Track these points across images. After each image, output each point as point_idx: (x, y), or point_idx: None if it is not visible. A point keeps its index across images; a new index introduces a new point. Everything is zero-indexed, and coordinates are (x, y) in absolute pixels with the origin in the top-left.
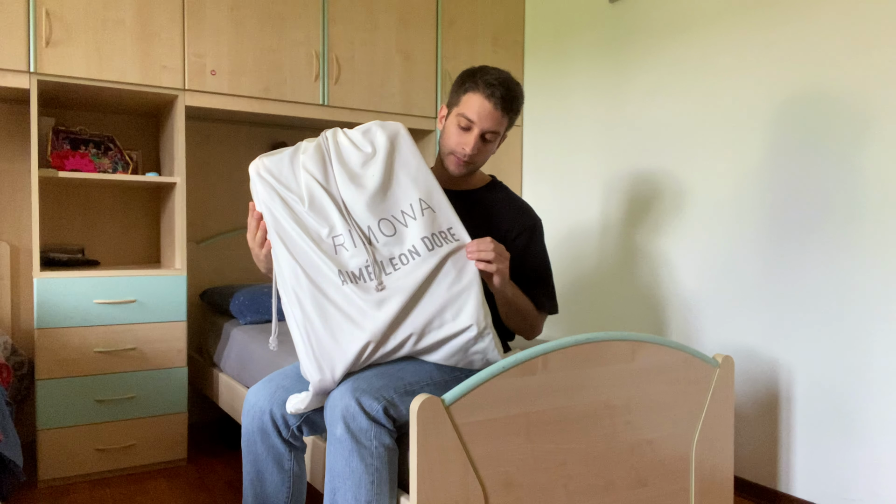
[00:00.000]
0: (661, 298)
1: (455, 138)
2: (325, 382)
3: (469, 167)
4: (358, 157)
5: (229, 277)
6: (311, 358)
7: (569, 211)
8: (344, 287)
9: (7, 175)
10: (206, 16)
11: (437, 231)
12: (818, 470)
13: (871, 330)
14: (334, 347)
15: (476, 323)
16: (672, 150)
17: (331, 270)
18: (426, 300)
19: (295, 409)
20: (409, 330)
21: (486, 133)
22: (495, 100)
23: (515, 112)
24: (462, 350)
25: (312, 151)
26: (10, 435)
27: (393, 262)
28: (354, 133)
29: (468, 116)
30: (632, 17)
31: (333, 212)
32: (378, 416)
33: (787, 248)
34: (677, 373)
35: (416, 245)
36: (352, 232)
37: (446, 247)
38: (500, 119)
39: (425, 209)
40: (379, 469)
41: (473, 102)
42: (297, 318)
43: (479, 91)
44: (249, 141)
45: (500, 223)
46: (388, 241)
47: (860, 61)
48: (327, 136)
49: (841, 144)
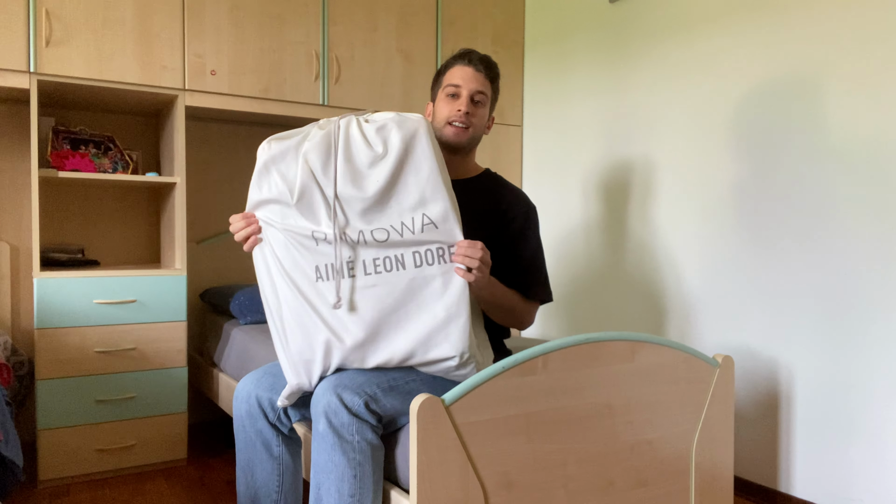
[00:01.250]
0: (661, 298)
1: (447, 108)
2: (301, 383)
3: (469, 134)
4: (367, 155)
5: (229, 277)
6: (285, 360)
7: (568, 211)
8: (318, 283)
9: (7, 175)
10: (206, 16)
11: (432, 248)
12: (818, 470)
13: (871, 330)
14: (304, 349)
15: (459, 354)
16: (672, 150)
17: (307, 264)
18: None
19: (282, 403)
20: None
21: (474, 94)
22: (475, 63)
23: (495, 75)
24: (442, 372)
25: (319, 140)
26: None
27: (376, 262)
28: (369, 128)
29: (454, 83)
30: (632, 17)
31: (321, 209)
32: (359, 411)
33: (787, 247)
34: (677, 373)
35: (403, 255)
36: (336, 231)
37: (438, 266)
38: (483, 81)
39: (426, 224)
40: (362, 463)
41: (455, 71)
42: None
43: (457, 62)
44: (249, 141)
45: (498, 205)
46: (378, 245)
47: (861, 61)
48: (340, 125)
49: (842, 144)
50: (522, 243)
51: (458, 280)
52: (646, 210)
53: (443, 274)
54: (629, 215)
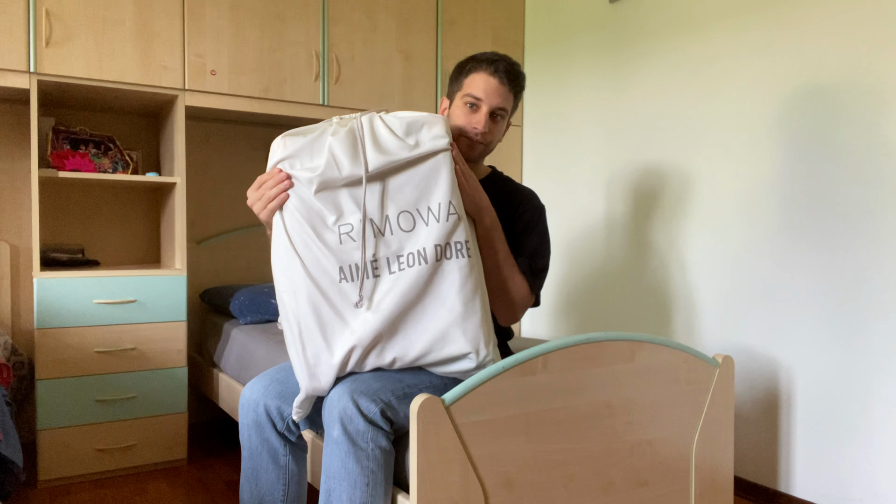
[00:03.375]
0: (661, 298)
1: (464, 119)
2: (316, 387)
3: (482, 148)
4: (395, 143)
5: (229, 277)
6: (300, 360)
7: (568, 211)
8: (342, 284)
9: (7, 175)
10: (206, 16)
11: (452, 241)
12: (818, 470)
13: (871, 330)
14: (323, 351)
15: (475, 350)
16: (672, 150)
17: (331, 265)
18: (425, 317)
19: (298, 416)
20: (403, 351)
21: (495, 110)
22: (500, 74)
23: (520, 89)
24: (461, 373)
25: (343, 135)
26: (10, 435)
27: (399, 259)
28: (393, 122)
29: (475, 95)
30: (632, 17)
31: (347, 198)
32: (375, 419)
33: (787, 247)
34: (677, 373)
35: (426, 248)
36: (363, 222)
37: (455, 261)
38: (507, 95)
39: (451, 214)
40: (375, 471)
41: (478, 81)
42: (291, 315)
43: (483, 69)
44: (249, 141)
45: (507, 207)
46: (403, 235)
47: (862, 60)
48: (362, 121)
49: (843, 144)
50: (527, 234)
51: (476, 275)
52: (646, 210)
53: (460, 269)
54: (630, 215)
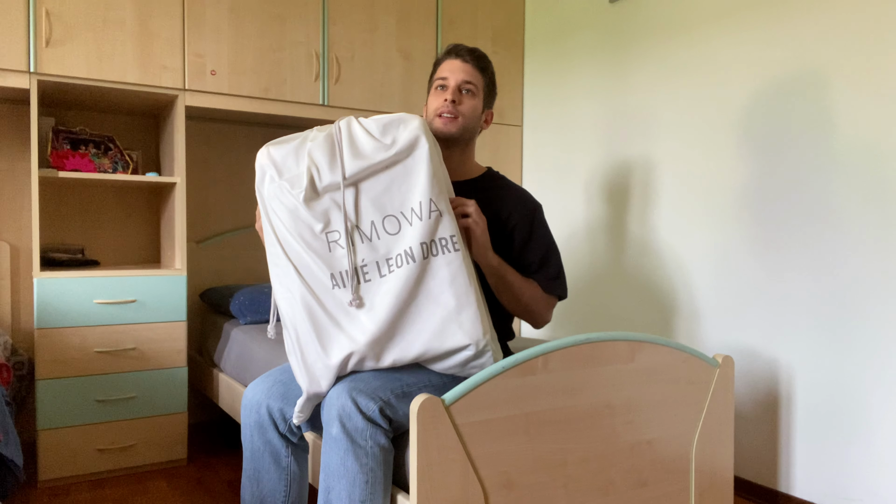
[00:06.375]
0: (661, 298)
1: (436, 100)
2: (318, 390)
3: (459, 124)
4: (372, 144)
5: (229, 277)
6: (300, 365)
7: (568, 211)
8: (335, 290)
9: (7, 175)
10: (206, 16)
11: (437, 238)
12: (818, 470)
13: (871, 330)
14: (320, 356)
15: (474, 342)
16: (672, 150)
17: (322, 273)
18: (420, 317)
19: (299, 420)
20: (402, 353)
21: (461, 84)
22: (462, 55)
23: (485, 66)
24: (459, 365)
25: (322, 140)
26: (10, 435)
27: (389, 262)
28: (370, 124)
29: (441, 76)
30: (632, 17)
31: (332, 206)
32: (374, 416)
33: (787, 248)
34: (677, 373)
35: (412, 248)
36: (349, 229)
37: (442, 256)
38: (472, 71)
39: (433, 212)
40: (374, 469)
41: (445, 66)
42: (288, 322)
43: (447, 57)
44: (249, 141)
45: (499, 211)
46: (390, 239)
47: (861, 60)
48: (340, 125)
49: (843, 146)
50: (532, 246)
51: (465, 268)
52: (646, 210)
53: (448, 264)
54: (629, 216)
